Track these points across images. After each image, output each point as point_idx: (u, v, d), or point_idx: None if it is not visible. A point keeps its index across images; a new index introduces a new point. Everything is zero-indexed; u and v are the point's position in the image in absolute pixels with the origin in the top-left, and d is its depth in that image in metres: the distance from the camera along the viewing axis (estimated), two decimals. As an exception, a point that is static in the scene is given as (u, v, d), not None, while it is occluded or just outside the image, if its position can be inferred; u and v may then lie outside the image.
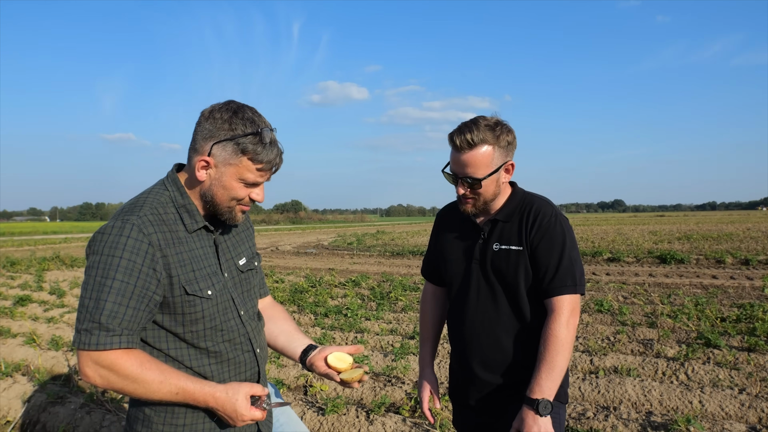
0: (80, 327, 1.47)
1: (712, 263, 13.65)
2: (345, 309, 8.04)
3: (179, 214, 1.64)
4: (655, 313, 7.24)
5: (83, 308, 1.48)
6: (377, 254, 20.03)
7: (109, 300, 1.46)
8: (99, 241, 1.50)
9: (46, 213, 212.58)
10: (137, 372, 1.48)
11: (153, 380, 1.50)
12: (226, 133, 1.57)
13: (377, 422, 3.78)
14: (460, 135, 1.87)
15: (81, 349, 1.47)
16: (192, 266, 1.62)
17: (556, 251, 1.88)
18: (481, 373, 2.00)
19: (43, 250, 25.28)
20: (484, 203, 1.96)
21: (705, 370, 4.73)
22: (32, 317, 8.36)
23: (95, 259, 1.49)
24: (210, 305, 1.65)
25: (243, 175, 1.61)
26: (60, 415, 4.29)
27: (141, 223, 1.52)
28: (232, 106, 1.62)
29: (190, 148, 1.65)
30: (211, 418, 1.68)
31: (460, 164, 1.90)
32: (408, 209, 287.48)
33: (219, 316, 1.68)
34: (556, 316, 1.84)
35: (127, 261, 1.48)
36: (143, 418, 1.66)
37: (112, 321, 1.46)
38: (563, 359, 1.82)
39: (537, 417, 1.78)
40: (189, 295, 1.60)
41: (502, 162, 1.91)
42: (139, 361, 1.50)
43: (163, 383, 1.51)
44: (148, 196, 1.63)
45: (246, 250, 1.87)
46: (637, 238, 22.07)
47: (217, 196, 1.64)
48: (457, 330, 2.08)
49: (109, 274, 1.47)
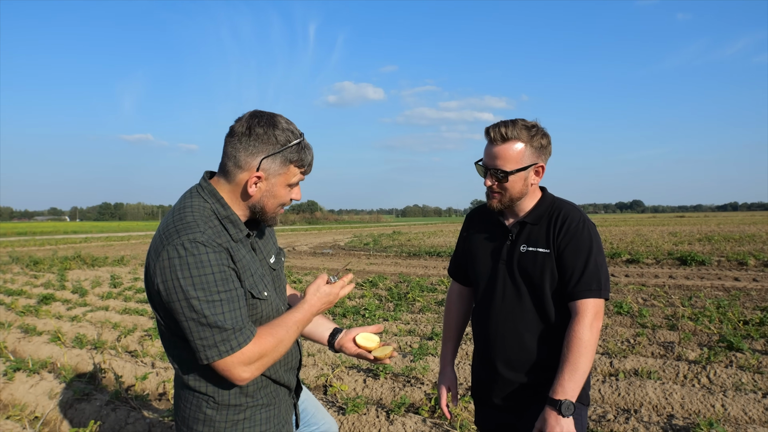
0: (212, 342, 1.56)
1: (734, 265, 13.45)
2: (363, 309, 8.08)
3: (223, 225, 1.69)
4: (676, 316, 7.17)
5: (206, 328, 1.55)
6: (394, 255, 20.04)
7: (226, 311, 1.57)
8: (180, 266, 1.53)
9: (66, 213, 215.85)
10: (273, 341, 1.66)
11: (282, 336, 1.68)
12: (274, 147, 1.65)
13: (397, 422, 3.81)
14: (496, 128, 1.95)
15: (228, 356, 1.58)
16: (250, 271, 1.71)
17: (582, 255, 1.91)
18: (505, 372, 2.03)
19: (64, 250, 25.70)
20: (510, 200, 2.00)
21: (727, 373, 4.68)
22: (56, 315, 8.52)
23: (188, 283, 1.53)
24: (266, 305, 1.76)
25: (290, 181, 1.72)
26: (86, 411, 4.37)
27: (207, 239, 1.58)
28: (265, 118, 1.67)
29: (230, 164, 1.68)
30: (267, 409, 1.82)
31: (492, 156, 1.97)
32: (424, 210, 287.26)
33: (273, 314, 1.79)
34: (580, 318, 1.87)
35: (219, 273, 1.57)
36: (204, 419, 1.73)
37: (237, 323, 1.59)
38: (586, 361, 1.84)
39: (559, 418, 1.81)
40: (254, 299, 1.71)
41: (532, 162, 1.97)
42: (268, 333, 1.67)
43: (288, 331, 1.70)
44: (194, 212, 1.65)
45: (272, 248, 1.95)
46: (657, 239, 21.84)
47: (267, 206, 1.74)
48: (482, 329, 2.11)
49: (212, 290, 1.55)
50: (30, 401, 4.77)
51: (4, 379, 5.19)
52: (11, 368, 5.29)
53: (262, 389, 1.81)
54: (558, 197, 2.10)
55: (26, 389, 4.96)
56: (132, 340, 6.81)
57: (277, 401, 1.87)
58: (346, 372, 5.07)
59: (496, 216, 2.11)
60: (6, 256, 21.14)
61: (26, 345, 6.69)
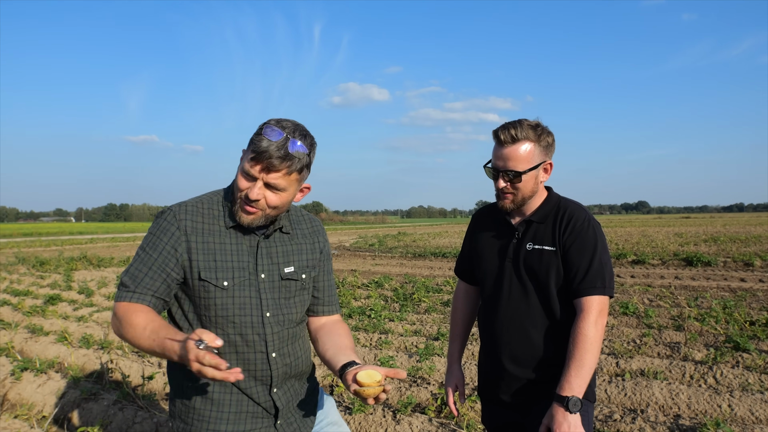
0: (120, 284, 1.75)
1: (740, 266, 13.42)
2: (368, 310, 8.09)
3: (224, 212, 1.81)
4: (682, 316, 7.15)
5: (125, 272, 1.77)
6: (399, 255, 20.07)
7: (134, 266, 1.74)
8: (153, 221, 1.80)
9: (71, 214, 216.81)
10: (131, 318, 1.66)
11: (138, 324, 1.63)
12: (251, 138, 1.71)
13: (404, 422, 3.81)
14: (505, 131, 1.97)
15: (117, 301, 1.74)
16: (215, 256, 1.75)
17: (587, 253, 1.94)
18: (511, 368, 2.05)
19: (70, 251, 25.81)
20: (522, 199, 2.02)
21: (734, 374, 4.67)
22: (63, 316, 8.55)
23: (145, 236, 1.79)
24: (224, 295, 1.74)
25: (243, 166, 1.69)
26: (93, 411, 4.39)
27: (178, 210, 1.76)
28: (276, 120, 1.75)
29: None
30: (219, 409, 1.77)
31: (503, 158, 1.98)
32: (429, 210, 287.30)
33: (233, 308, 1.75)
34: (585, 315, 1.89)
35: (154, 237, 1.74)
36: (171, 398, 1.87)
37: (131, 282, 1.72)
38: (592, 357, 1.85)
39: (567, 414, 1.82)
40: (202, 281, 1.73)
41: (541, 160, 2.00)
42: (142, 312, 1.67)
43: (145, 329, 1.62)
44: (206, 194, 1.86)
45: (298, 261, 1.88)
46: (662, 240, 21.80)
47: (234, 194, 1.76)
48: (488, 326, 2.13)
49: (142, 246, 1.76)
50: (37, 401, 4.80)
51: (12, 379, 5.21)
52: (19, 368, 5.30)
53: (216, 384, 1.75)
54: (564, 197, 2.12)
55: (34, 389, 4.98)
56: (138, 340, 6.82)
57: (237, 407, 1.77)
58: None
59: (502, 215, 2.12)
60: (12, 257, 21.27)
61: (33, 345, 6.73)
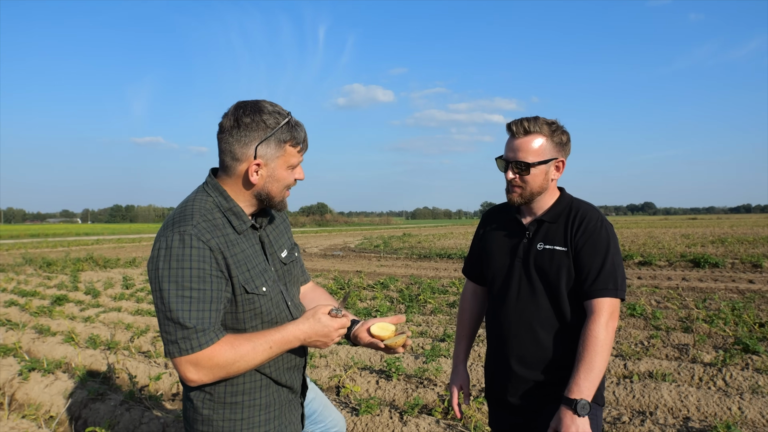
0: (174, 338, 1.55)
1: (748, 267, 13.33)
2: (374, 311, 8.07)
3: (226, 217, 1.71)
4: (690, 318, 7.10)
5: (170, 322, 1.55)
6: (404, 257, 20.05)
7: (193, 309, 1.55)
8: (164, 257, 1.56)
9: (77, 215, 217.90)
10: (232, 354, 1.58)
11: (247, 352, 1.60)
12: (264, 132, 1.65)
13: (410, 423, 3.80)
14: (518, 123, 1.97)
15: (182, 355, 1.55)
16: (246, 266, 1.70)
17: (599, 255, 1.91)
18: (518, 369, 2.02)
19: (76, 252, 25.91)
20: (530, 194, 2.00)
21: (744, 376, 4.63)
22: (69, 316, 8.58)
23: (165, 274, 1.55)
24: (265, 301, 1.74)
25: (289, 162, 1.72)
26: (100, 411, 4.40)
27: (197, 232, 1.59)
28: (249, 106, 1.68)
29: (227, 159, 1.70)
30: (267, 411, 1.78)
31: (513, 149, 1.98)
32: (434, 212, 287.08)
33: (273, 309, 1.77)
34: (596, 317, 1.86)
35: (197, 270, 1.56)
36: (202, 419, 1.74)
37: (201, 323, 1.56)
38: (602, 360, 1.83)
39: (575, 417, 1.79)
40: (249, 294, 1.69)
41: (553, 156, 1.99)
42: (230, 344, 1.60)
43: (255, 349, 1.61)
44: (194, 204, 1.69)
45: (286, 242, 1.95)
46: (669, 241, 21.69)
47: (272, 191, 1.74)
48: (496, 326, 2.11)
49: (185, 285, 1.55)
50: (45, 401, 4.81)
51: (20, 379, 5.23)
52: (26, 368, 5.32)
53: (263, 389, 1.78)
54: (576, 197, 2.10)
55: (41, 389, 5.00)
56: (145, 341, 6.85)
57: (279, 402, 1.84)
58: (358, 373, 5.07)
59: (513, 214, 2.11)
60: (20, 258, 21.36)
61: (40, 345, 6.75)
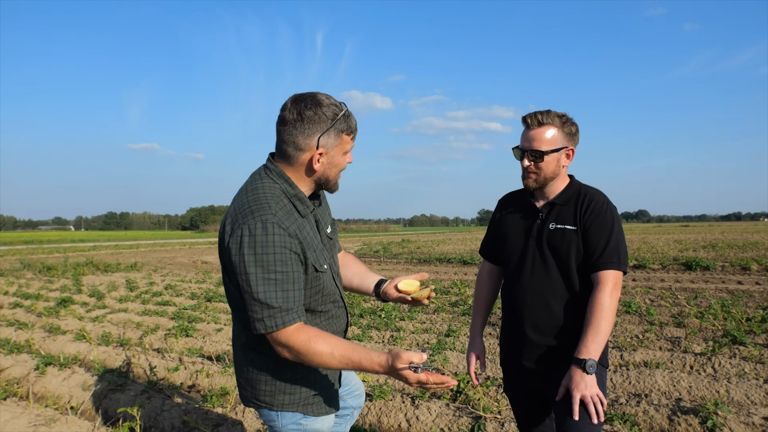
0: (260, 316, 1.75)
1: (737, 270, 13.65)
2: (379, 310, 8.29)
3: (292, 203, 1.90)
4: (682, 314, 7.39)
5: (256, 302, 1.74)
6: (404, 261, 20.25)
7: (278, 290, 1.74)
8: (248, 244, 1.74)
9: (71, 222, 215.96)
10: (306, 346, 1.76)
11: (323, 352, 1.76)
12: (326, 124, 1.86)
13: (422, 407, 4.02)
14: (532, 115, 2.22)
15: (267, 332, 1.76)
16: (313, 246, 1.91)
17: (605, 233, 2.16)
18: (533, 336, 2.26)
19: (74, 257, 25.87)
20: (544, 179, 2.25)
21: (731, 363, 4.90)
22: (77, 316, 8.69)
23: (251, 260, 1.73)
24: (326, 277, 1.97)
25: (345, 149, 1.95)
26: (121, 400, 4.56)
27: (278, 220, 1.77)
28: (309, 100, 1.86)
29: (290, 149, 1.88)
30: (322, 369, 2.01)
31: (528, 139, 2.23)
32: (431, 219, 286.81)
33: (329, 284, 2.00)
34: (602, 287, 2.11)
35: (280, 255, 1.75)
36: (265, 379, 1.98)
37: (286, 303, 1.75)
38: (607, 325, 2.08)
39: (584, 374, 2.04)
40: (318, 272, 1.91)
41: (564, 145, 2.24)
42: (308, 336, 1.77)
43: (333, 355, 1.76)
44: (266, 192, 1.85)
45: (328, 219, 2.17)
46: (662, 246, 22.01)
47: (330, 176, 1.96)
48: (512, 299, 2.35)
49: (269, 269, 1.73)
50: (63, 393, 4.95)
51: (36, 373, 5.37)
52: (42, 363, 5.45)
53: None
54: (585, 183, 2.35)
55: (59, 382, 5.14)
56: (156, 339, 7.00)
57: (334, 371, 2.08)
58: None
59: (527, 198, 2.36)
60: (17, 263, 21.32)
61: (51, 343, 6.85)
